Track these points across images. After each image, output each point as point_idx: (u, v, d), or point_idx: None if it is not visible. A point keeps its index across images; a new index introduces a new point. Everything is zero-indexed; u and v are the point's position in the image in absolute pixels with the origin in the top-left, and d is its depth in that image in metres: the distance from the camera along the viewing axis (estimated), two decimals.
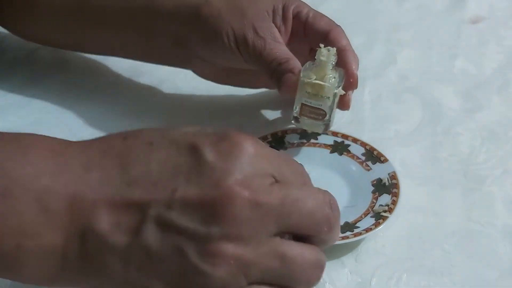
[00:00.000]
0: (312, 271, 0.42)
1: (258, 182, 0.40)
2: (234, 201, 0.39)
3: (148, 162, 0.41)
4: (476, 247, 0.57)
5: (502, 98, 0.75)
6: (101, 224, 0.40)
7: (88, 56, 0.79)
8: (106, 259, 0.40)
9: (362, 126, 0.70)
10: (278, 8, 0.65)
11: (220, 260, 0.39)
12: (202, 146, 0.41)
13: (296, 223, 0.41)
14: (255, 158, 0.41)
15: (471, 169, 0.65)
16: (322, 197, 0.43)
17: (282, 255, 0.41)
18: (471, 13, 0.90)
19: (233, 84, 0.71)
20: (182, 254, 0.39)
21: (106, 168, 0.41)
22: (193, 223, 0.39)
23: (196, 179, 0.40)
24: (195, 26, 0.65)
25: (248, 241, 0.40)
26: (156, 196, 0.40)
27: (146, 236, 0.39)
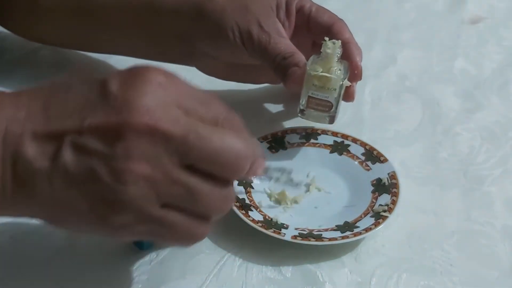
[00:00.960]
0: (219, 203, 0.46)
1: (161, 111, 0.44)
2: (134, 124, 0.43)
3: (65, 100, 0.45)
4: (476, 247, 0.57)
5: (501, 98, 0.75)
6: (27, 152, 0.44)
7: (89, 55, 0.79)
8: (35, 182, 0.45)
9: (362, 126, 0.70)
10: (281, 3, 0.66)
11: (129, 177, 0.43)
12: (109, 80, 0.45)
13: (197, 159, 0.44)
14: (162, 90, 0.45)
15: (470, 169, 0.65)
16: (230, 142, 0.45)
17: (189, 186, 0.44)
18: (470, 13, 0.90)
19: (236, 80, 0.72)
20: (96, 175, 0.43)
21: (32, 107, 0.46)
22: (100, 144, 0.43)
23: (101, 108, 0.44)
24: (199, 23, 0.65)
25: (154, 165, 0.43)
26: (69, 125, 0.44)
27: (64, 160, 0.44)
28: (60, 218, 0.46)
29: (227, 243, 0.57)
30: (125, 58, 0.76)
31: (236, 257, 0.56)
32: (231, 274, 0.55)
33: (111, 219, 0.44)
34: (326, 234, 0.56)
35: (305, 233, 0.56)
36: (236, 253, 0.56)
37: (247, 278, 0.54)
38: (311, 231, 0.57)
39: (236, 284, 0.54)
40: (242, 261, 0.56)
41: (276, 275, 0.55)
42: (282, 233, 0.56)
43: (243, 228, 0.56)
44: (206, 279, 0.54)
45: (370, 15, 0.90)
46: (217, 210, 0.46)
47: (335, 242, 0.55)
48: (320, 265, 0.55)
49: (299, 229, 0.57)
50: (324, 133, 0.66)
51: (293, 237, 0.56)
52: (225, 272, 0.55)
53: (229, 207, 0.47)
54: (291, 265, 0.55)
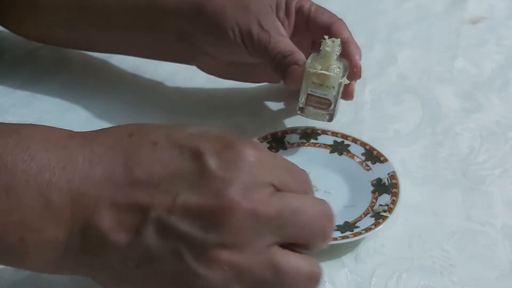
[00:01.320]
0: (306, 283, 0.43)
1: (257, 193, 0.41)
2: (233, 211, 0.40)
3: (152, 163, 0.41)
4: (476, 247, 0.57)
5: (501, 98, 0.75)
6: (103, 222, 0.40)
7: (89, 55, 0.79)
8: (106, 255, 0.41)
9: (361, 126, 0.70)
10: (281, 2, 0.66)
11: (215, 265, 0.40)
12: (205, 153, 0.41)
13: (293, 234, 0.42)
14: (256, 168, 0.41)
15: (470, 169, 0.65)
16: (321, 208, 0.43)
17: (276, 266, 0.41)
18: (470, 13, 0.90)
19: (236, 79, 0.72)
20: (179, 257, 0.40)
21: (110, 165, 0.41)
22: (192, 229, 0.40)
23: (197, 187, 0.40)
24: (200, 22, 0.66)
25: (244, 250, 0.40)
26: (158, 199, 0.40)
27: (146, 237, 0.40)
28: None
29: None
30: (125, 58, 0.76)
31: None
32: None
33: None
34: None
35: None
36: None
37: None
38: None
39: None
40: None
41: None
42: None
43: None
44: None
45: (370, 15, 0.91)
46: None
47: (335, 242, 0.55)
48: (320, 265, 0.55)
49: None
50: (324, 133, 0.66)
51: None
52: None
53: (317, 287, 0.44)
54: None
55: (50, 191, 0.41)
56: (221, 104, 0.73)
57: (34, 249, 0.42)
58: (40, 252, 0.42)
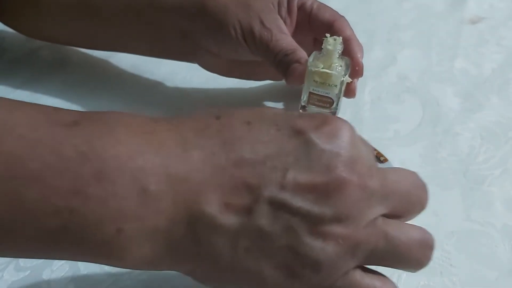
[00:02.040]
0: (419, 249, 0.43)
1: (361, 165, 0.41)
2: (345, 185, 0.40)
3: (252, 142, 0.40)
4: (476, 247, 0.57)
5: (501, 98, 0.75)
6: (211, 206, 0.39)
7: (89, 54, 0.79)
8: (214, 241, 0.39)
9: (361, 126, 0.70)
10: (283, 0, 0.66)
11: (329, 238, 0.39)
12: (305, 129, 0.40)
13: (395, 203, 0.42)
14: (355, 141, 0.42)
15: (470, 169, 0.65)
16: (414, 178, 0.44)
17: (389, 236, 0.42)
18: (470, 13, 0.91)
19: (238, 76, 0.72)
20: (293, 233, 0.39)
21: (206, 147, 0.40)
22: (306, 204, 0.39)
23: (306, 162, 0.40)
24: (201, 20, 0.65)
25: (356, 222, 0.40)
26: (268, 177, 0.39)
27: (259, 216, 0.39)
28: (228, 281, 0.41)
29: None
30: (125, 58, 0.76)
31: None
32: None
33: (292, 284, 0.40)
34: None
35: None
36: None
37: None
38: None
39: None
40: None
41: None
42: None
43: None
44: None
45: (370, 15, 0.91)
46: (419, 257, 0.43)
47: None
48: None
49: None
50: None
51: None
52: None
53: (431, 254, 0.44)
54: None
55: (145, 176, 0.38)
56: (221, 103, 0.73)
57: (133, 241, 0.39)
58: (139, 244, 0.39)
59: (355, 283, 0.42)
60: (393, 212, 0.43)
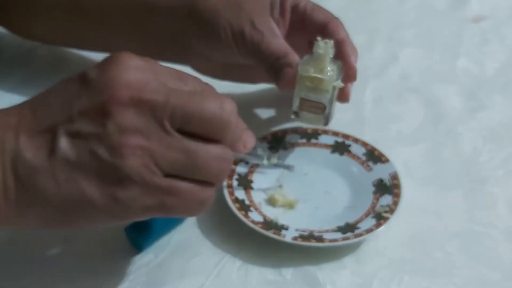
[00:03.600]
0: (218, 163, 0.47)
1: (142, 84, 0.45)
2: (118, 98, 0.44)
3: (51, 99, 0.47)
4: (478, 249, 0.57)
5: (504, 98, 0.75)
6: (25, 153, 0.45)
7: (86, 55, 0.78)
8: (37, 181, 0.45)
9: (363, 126, 0.70)
10: (275, 1, 0.65)
11: (126, 150, 0.44)
12: (87, 71, 0.46)
13: (185, 119, 0.45)
14: (136, 70, 0.46)
15: (473, 169, 0.65)
16: (213, 100, 0.46)
17: (185, 148, 0.45)
18: (473, 12, 0.90)
19: (231, 79, 0.71)
20: (95, 155, 0.44)
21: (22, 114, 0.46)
22: (92, 126, 0.45)
23: (85, 94, 0.45)
24: (192, 22, 0.65)
25: (146, 134, 0.45)
26: (60, 117, 0.45)
27: (62, 149, 0.45)
28: (68, 214, 0.46)
29: (226, 245, 0.57)
30: None
31: (236, 258, 0.56)
32: (230, 276, 0.54)
33: (118, 195, 0.45)
34: (327, 235, 0.56)
35: (305, 234, 0.56)
36: (235, 255, 0.56)
37: (247, 280, 0.54)
38: (311, 232, 0.57)
39: (236, 286, 0.54)
40: (242, 262, 0.55)
41: (276, 277, 0.54)
42: (282, 235, 0.56)
43: (242, 229, 0.56)
44: (205, 281, 0.54)
45: (371, 14, 0.90)
46: (218, 170, 0.47)
47: (336, 243, 0.55)
48: (321, 266, 0.55)
49: (299, 230, 0.57)
50: (325, 133, 0.66)
51: (294, 239, 0.55)
52: (224, 274, 0.54)
53: (229, 168, 0.48)
54: (291, 267, 0.55)
55: None
56: None
57: None
58: None
59: None
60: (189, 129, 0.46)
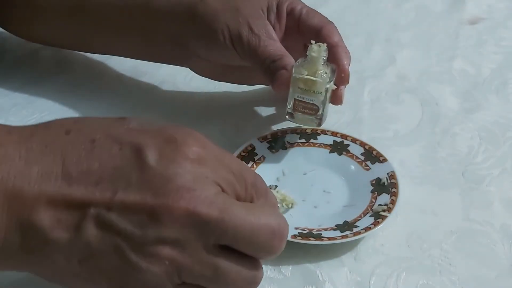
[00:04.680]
0: (245, 285, 0.44)
1: (199, 191, 0.41)
2: (171, 209, 0.40)
3: (90, 161, 0.41)
4: (475, 247, 0.57)
5: (500, 98, 0.75)
6: (42, 220, 0.40)
7: (89, 56, 0.79)
8: (48, 253, 0.41)
9: (361, 126, 0.70)
10: (272, 5, 0.66)
11: (155, 259, 0.41)
12: (145, 149, 0.41)
13: (233, 239, 0.42)
14: (198, 166, 0.42)
15: (469, 169, 0.65)
16: (271, 221, 0.43)
17: (217, 266, 0.42)
18: (469, 14, 0.91)
19: (230, 81, 0.72)
20: (121, 253, 0.41)
21: (46, 163, 0.41)
22: (131, 226, 0.40)
23: (136, 184, 0.40)
24: (192, 25, 0.65)
25: (184, 247, 0.41)
26: (97, 196, 0.40)
27: (86, 234, 0.40)
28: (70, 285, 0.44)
29: None
30: (123, 60, 0.76)
31: None
32: None
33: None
34: (325, 233, 0.56)
35: (304, 232, 0.57)
36: None
37: None
38: (310, 230, 0.57)
39: None
40: None
41: (276, 274, 0.55)
42: None
43: None
44: None
45: (369, 15, 0.91)
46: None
47: (334, 241, 0.55)
48: (320, 264, 0.55)
49: (298, 228, 0.57)
50: (323, 133, 0.66)
51: (293, 237, 0.55)
52: None
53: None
54: (290, 265, 0.55)
55: None
56: (220, 105, 0.73)
57: None
58: None
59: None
60: (233, 246, 0.42)
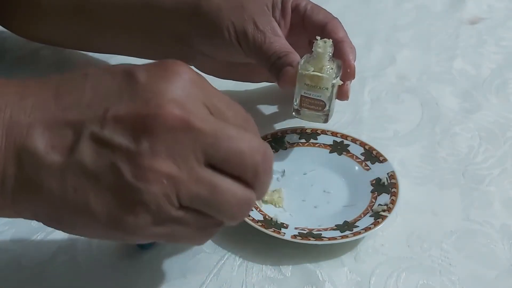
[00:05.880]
0: (239, 207, 0.43)
1: (191, 106, 0.41)
2: (164, 118, 0.40)
3: (83, 89, 0.41)
4: (475, 247, 0.57)
5: (500, 98, 0.75)
6: (36, 145, 0.40)
7: (91, 55, 0.79)
8: (43, 180, 0.40)
9: (361, 126, 0.71)
10: (277, 2, 0.66)
11: (152, 176, 0.40)
12: (136, 70, 0.42)
13: (224, 158, 0.42)
14: (189, 85, 0.42)
15: (469, 168, 0.65)
16: (257, 144, 0.43)
17: (213, 185, 0.42)
18: (469, 14, 0.91)
19: (234, 78, 0.72)
20: (117, 171, 0.40)
21: (41, 95, 0.42)
22: (125, 139, 0.40)
23: (127, 98, 0.41)
24: (196, 22, 0.65)
25: (179, 162, 0.40)
26: (89, 115, 0.40)
27: (82, 154, 0.40)
28: (67, 220, 0.42)
29: (227, 243, 0.57)
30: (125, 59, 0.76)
31: (236, 256, 0.56)
32: (231, 273, 0.55)
33: (126, 221, 0.41)
34: (325, 233, 0.56)
35: (304, 232, 0.57)
36: (236, 253, 0.56)
37: (247, 278, 0.55)
38: (310, 230, 0.57)
39: (236, 283, 0.54)
40: (242, 260, 0.56)
41: (276, 274, 0.55)
42: (282, 233, 0.56)
43: (243, 228, 0.56)
44: (206, 278, 0.54)
45: (369, 15, 0.91)
46: (236, 214, 0.44)
47: (334, 241, 0.55)
48: (320, 264, 0.55)
49: (298, 228, 0.57)
50: (323, 133, 0.66)
51: (293, 237, 0.56)
52: (225, 272, 0.55)
53: (247, 214, 0.45)
54: (291, 265, 0.55)
55: None
56: None
57: None
58: None
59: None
60: (222, 166, 0.42)
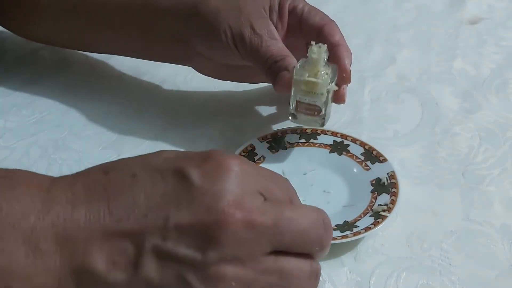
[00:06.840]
0: (309, 281, 0.44)
1: (249, 202, 0.41)
2: (228, 224, 0.39)
3: (135, 195, 0.40)
4: (475, 247, 0.57)
5: (500, 98, 0.75)
6: (96, 264, 0.39)
7: (90, 56, 0.79)
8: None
9: (361, 126, 0.71)
10: (274, 4, 0.66)
11: (221, 282, 0.39)
12: (187, 170, 0.40)
13: (290, 242, 0.42)
14: (241, 177, 0.41)
15: (469, 168, 0.65)
16: (316, 216, 0.43)
17: (280, 270, 0.42)
18: (469, 14, 0.91)
19: (232, 79, 0.72)
20: (185, 282, 0.39)
21: (92, 206, 0.40)
22: (190, 250, 0.39)
23: (186, 205, 0.40)
24: (193, 24, 0.65)
25: (245, 261, 0.40)
26: (148, 225, 0.39)
27: (146, 269, 0.39)
28: None
29: None
30: (125, 59, 0.76)
31: None
32: None
33: None
34: None
35: None
36: None
37: None
38: None
39: None
40: None
41: None
42: None
43: None
44: None
45: (369, 15, 0.91)
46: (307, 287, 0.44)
47: (334, 241, 0.55)
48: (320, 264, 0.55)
49: None
50: (323, 133, 0.66)
51: None
52: None
53: (317, 283, 0.45)
54: None
55: (35, 236, 0.39)
56: (221, 104, 0.73)
57: None
58: None
59: None
60: (289, 249, 0.42)
